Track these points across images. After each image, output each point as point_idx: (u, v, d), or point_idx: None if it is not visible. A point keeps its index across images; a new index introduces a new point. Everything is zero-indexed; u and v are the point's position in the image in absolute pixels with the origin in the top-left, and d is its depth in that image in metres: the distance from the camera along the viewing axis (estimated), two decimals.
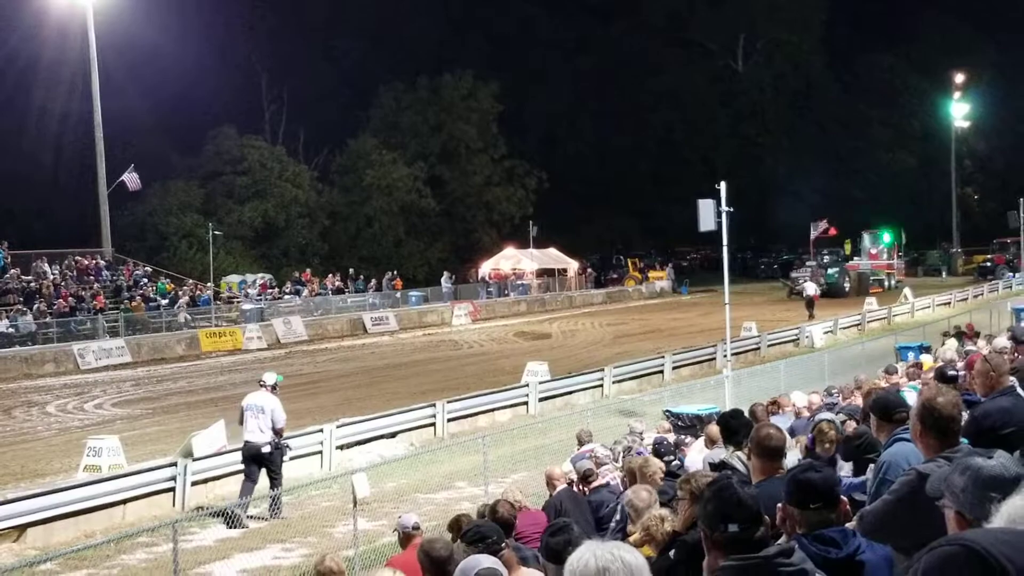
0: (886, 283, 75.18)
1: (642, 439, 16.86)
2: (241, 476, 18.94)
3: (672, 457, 11.77)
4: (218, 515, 17.51)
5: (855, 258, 79.49)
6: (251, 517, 17.93)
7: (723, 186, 23.65)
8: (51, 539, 17.00)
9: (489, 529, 7.19)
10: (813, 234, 78.17)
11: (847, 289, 70.08)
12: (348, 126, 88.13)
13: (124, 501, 18.29)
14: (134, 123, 70.06)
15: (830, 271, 72.02)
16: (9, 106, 69.30)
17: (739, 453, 8.74)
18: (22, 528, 16.75)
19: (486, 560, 5.77)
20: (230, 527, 17.41)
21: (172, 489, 18.96)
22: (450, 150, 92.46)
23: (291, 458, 19.95)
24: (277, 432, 18.71)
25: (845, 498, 5.49)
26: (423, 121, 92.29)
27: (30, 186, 70.64)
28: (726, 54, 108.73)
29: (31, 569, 14.20)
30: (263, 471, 18.70)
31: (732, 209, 23.72)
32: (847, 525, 5.44)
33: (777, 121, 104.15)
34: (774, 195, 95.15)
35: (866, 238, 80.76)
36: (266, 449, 18.54)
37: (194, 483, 19.21)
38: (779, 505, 5.18)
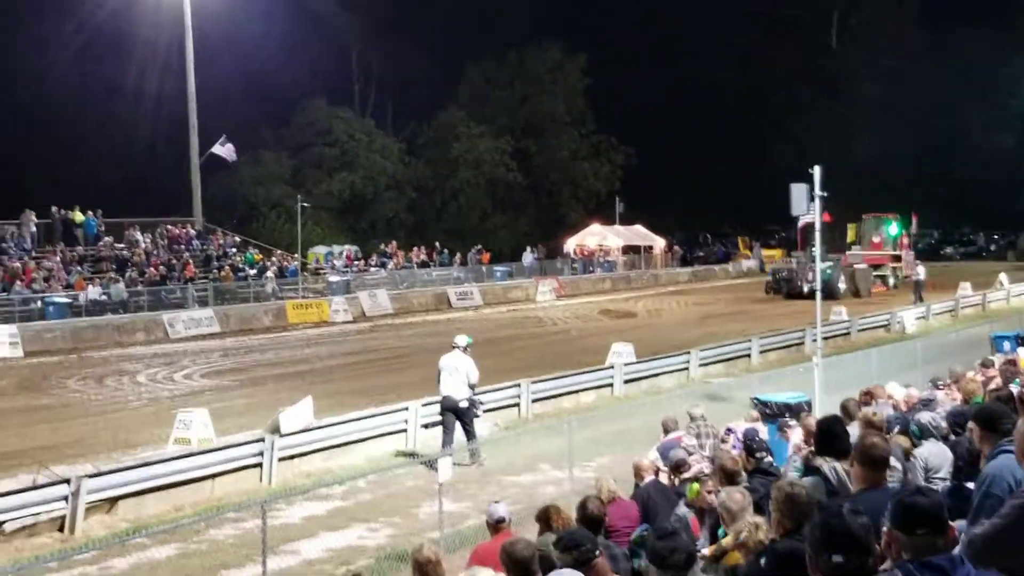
0: (890, 280, 63.38)
1: (707, 425, 16.54)
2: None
3: (764, 453, 11.55)
4: (304, 493, 17.60)
5: (850, 249, 64.32)
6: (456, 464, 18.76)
7: (817, 171, 23.28)
8: (142, 512, 17.22)
9: (583, 537, 7.11)
10: (801, 220, 64.14)
11: (841, 287, 56.55)
12: (436, 99, 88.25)
13: (213, 476, 18.47)
14: (226, 94, 70.60)
15: (822, 267, 60.21)
16: (106, 77, 70.20)
17: (836, 464, 8.56)
18: (114, 500, 16.98)
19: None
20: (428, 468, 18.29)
21: (260, 465, 19.11)
22: (537, 124, 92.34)
23: (381, 434, 21.01)
24: (471, 387, 20.82)
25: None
26: (510, 94, 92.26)
27: (124, 155, 71.60)
28: (819, 29, 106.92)
29: (122, 545, 14.37)
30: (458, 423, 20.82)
31: (826, 194, 23.36)
32: (954, 551, 5.28)
33: (870, 100, 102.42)
34: (863, 176, 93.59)
35: (867, 224, 66.01)
36: (463, 404, 20.68)
37: (281, 459, 19.36)
38: (884, 530, 5.03)
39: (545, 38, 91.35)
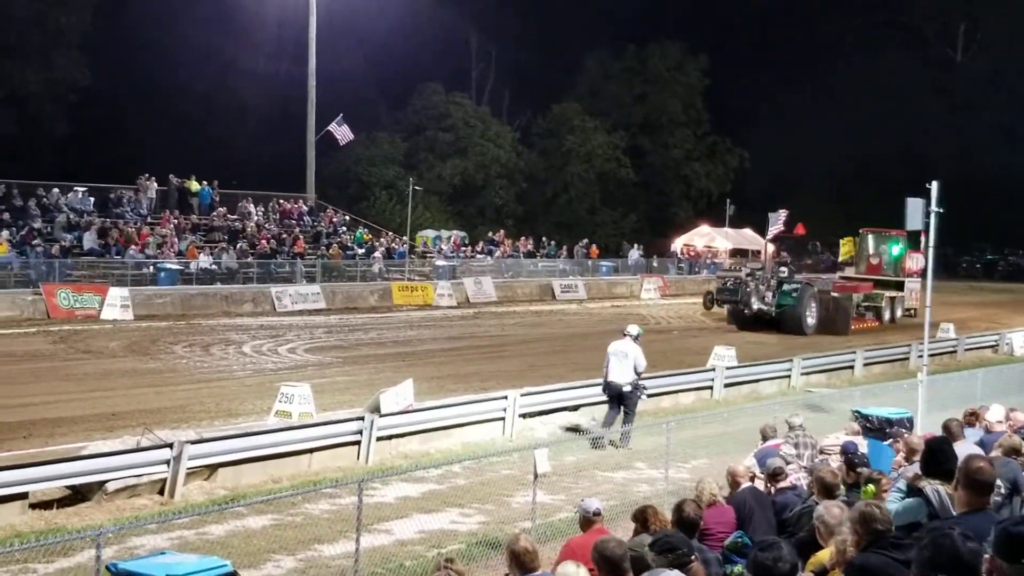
0: (886, 313, 49.69)
1: (806, 435, 16.34)
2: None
3: (865, 467, 11.41)
4: (399, 474, 17.73)
5: (842, 270, 53.94)
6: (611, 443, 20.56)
7: (935, 186, 22.87)
8: (240, 480, 17.50)
9: (679, 540, 7.10)
10: (770, 231, 51.39)
11: (810, 321, 45.06)
12: (553, 90, 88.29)
13: (311, 450, 18.70)
14: (346, 74, 71.24)
15: (785, 288, 45.21)
16: (230, 52, 71.21)
17: (939, 487, 8.44)
18: (214, 468, 17.27)
19: None
20: (593, 447, 20.44)
21: (358, 443, 19.31)
22: (652, 121, 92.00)
23: (479, 421, 21.48)
24: (637, 374, 22.16)
25: None
26: (627, 90, 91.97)
27: (242, 129, 72.65)
28: (944, 42, 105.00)
29: (219, 513, 14.60)
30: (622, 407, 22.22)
31: (942, 210, 22.95)
32: None
33: (993, 116, 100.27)
34: (983, 193, 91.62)
35: (869, 241, 53.30)
36: (627, 388, 21.99)
37: (379, 439, 19.53)
38: (986, 557, 4.95)
39: (666, 36, 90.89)
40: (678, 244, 78.49)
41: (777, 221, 50.55)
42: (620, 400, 22.15)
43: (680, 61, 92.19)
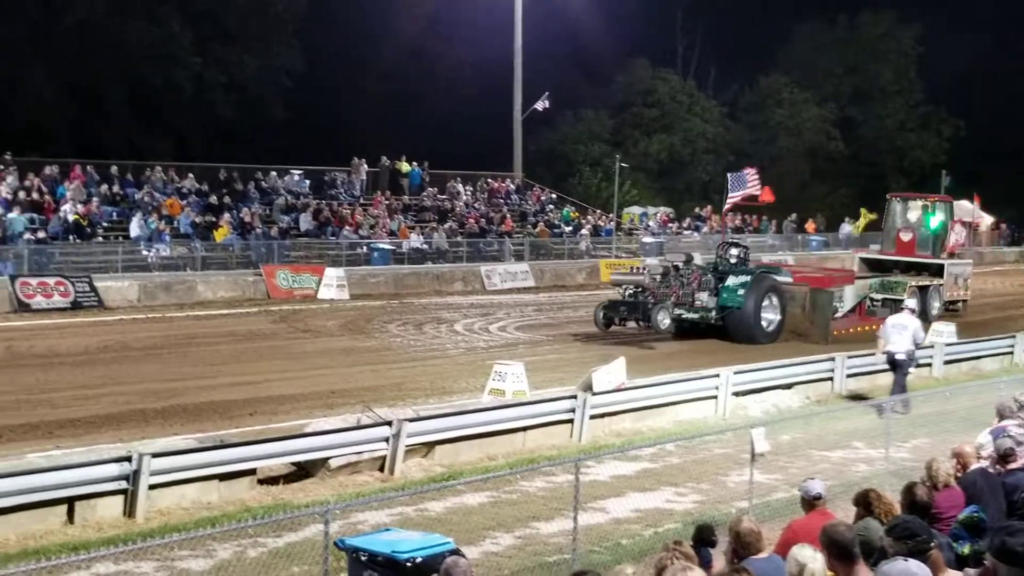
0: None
1: None
2: None
3: None
4: (612, 453, 17.75)
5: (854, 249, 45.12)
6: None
7: None
8: (457, 458, 17.74)
9: (919, 527, 6.92)
10: (729, 198, 40.60)
11: (768, 326, 32.67)
12: (760, 63, 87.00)
13: (525, 428, 18.86)
14: (551, 52, 71.56)
15: (730, 283, 32.62)
16: (435, 34, 72.22)
17: None
18: (432, 445, 17.58)
19: (916, 568, 5.53)
20: (880, 416, 19.37)
21: (571, 421, 19.39)
22: (863, 92, 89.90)
23: (691, 399, 21.57)
24: (916, 345, 23.27)
25: None
26: (838, 60, 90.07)
27: (450, 109, 73.57)
28: None
29: (438, 490, 14.84)
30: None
31: None
32: None
33: None
34: None
35: (896, 211, 42.82)
36: (900, 357, 22.83)
37: (592, 417, 19.58)
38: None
39: (878, 4, 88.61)
40: None
41: (741, 184, 38.52)
42: (893, 368, 23.13)
43: (892, 29, 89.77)
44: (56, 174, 43.41)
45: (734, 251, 34.19)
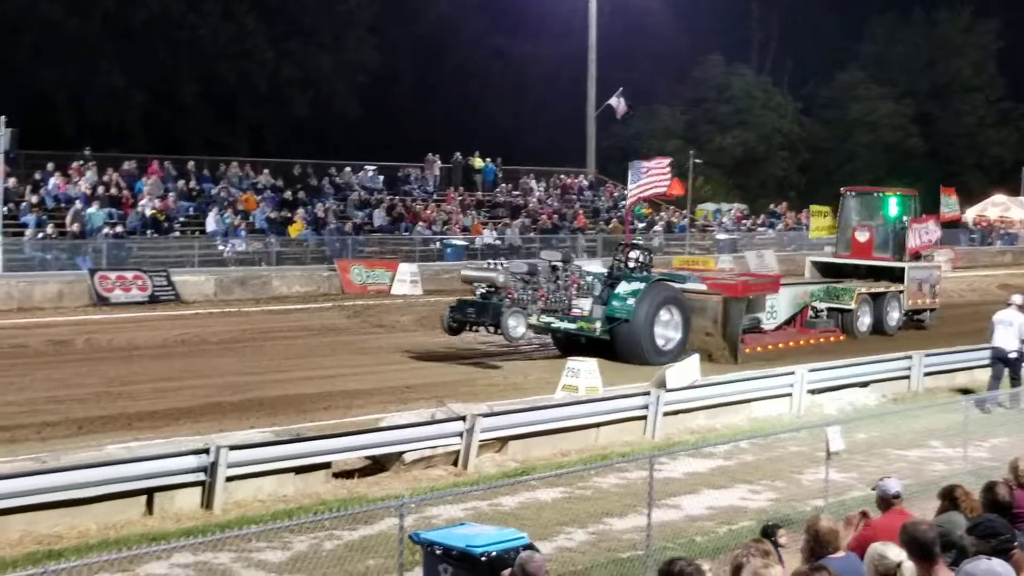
0: (863, 319, 33.23)
1: None
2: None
3: None
4: (688, 449, 17.69)
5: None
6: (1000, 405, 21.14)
7: None
8: (530, 453, 17.79)
9: (1002, 526, 6.84)
10: (632, 190, 36.56)
11: (665, 343, 27.19)
12: (836, 59, 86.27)
13: (598, 424, 18.85)
14: (625, 48, 71.31)
15: (620, 291, 27.30)
16: (509, 30, 72.30)
17: None
18: (504, 440, 17.63)
19: (999, 567, 5.46)
20: (983, 412, 20.44)
21: (644, 418, 19.35)
22: (941, 87, 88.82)
23: (766, 397, 21.37)
24: (1022, 342, 23.06)
25: None
26: (915, 55, 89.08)
27: (522, 106, 73.67)
28: None
29: (511, 485, 14.86)
30: (1007, 371, 23.19)
31: None
32: None
33: None
34: None
35: (851, 207, 38.14)
36: (1012, 355, 23.03)
37: (665, 414, 19.52)
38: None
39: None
40: (970, 215, 75.36)
41: (642, 174, 34.66)
42: (1006, 365, 23.18)
43: (971, 24, 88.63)
44: (134, 169, 44.00)
45: (634, 254, 28.79)
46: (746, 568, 6.92)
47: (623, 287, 27.16)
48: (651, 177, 34.31)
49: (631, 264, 28.38)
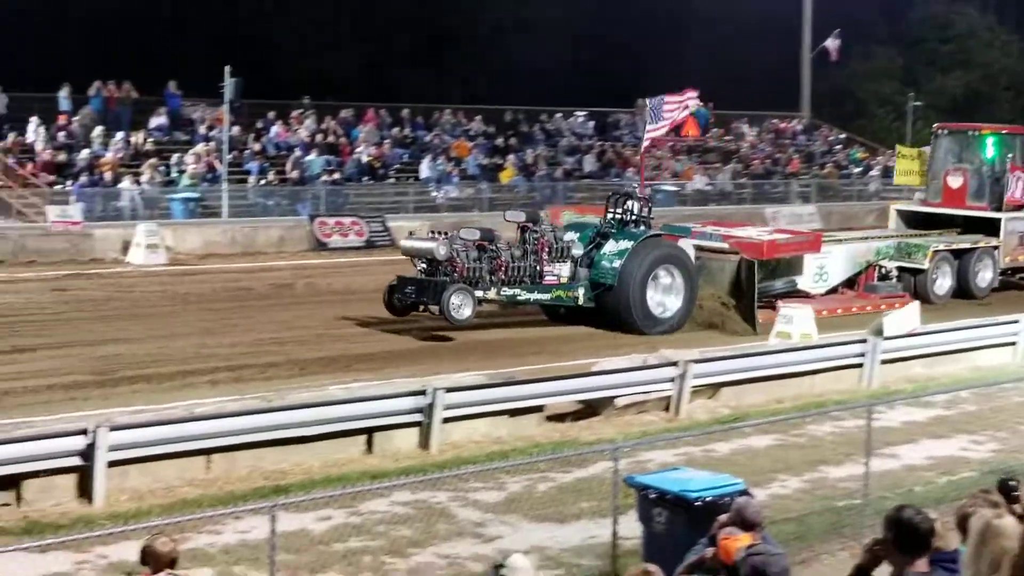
0: (940, 281, 28.72)
1: None
2: None
3: None
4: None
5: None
6: None
7: None
8: (743, 400, 17.70)
9: None
10: (649, 130, 31.62)
11: (663, 314, 23.41)
12: None
13: (812, 372, 18.62)
14: None
15: (606, 250, 23.60)
16: None
17: None
18: (717, 387, 17.56)
19: None
20: None
21: (860, 365, 19.01)
22: None
23: (989, 346, 20.92)
24: None
25: None
26: None
27: (735, 48, 72.48)
28: None
29: (724, 432, 14.78)
30: None
31: None
32: None
33: None
34: None
35: (942, 148, 33.05)
36: None
37: (882, 362, 19.13)
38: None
39: None
40: None
41: (662, 112, 30.24)
42: None
43: None
44: (351, 118, 44.86)
45: (629, 204, 24.80)
46: (975, 518, 6.70)
47: (610, 246, 23.39)
48: (671, 114, 29.76)
49: (623, 217, 24.32)
